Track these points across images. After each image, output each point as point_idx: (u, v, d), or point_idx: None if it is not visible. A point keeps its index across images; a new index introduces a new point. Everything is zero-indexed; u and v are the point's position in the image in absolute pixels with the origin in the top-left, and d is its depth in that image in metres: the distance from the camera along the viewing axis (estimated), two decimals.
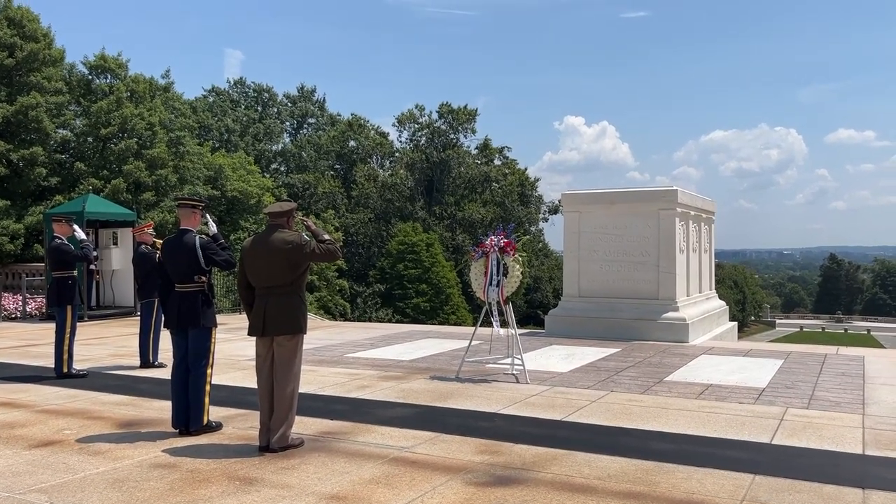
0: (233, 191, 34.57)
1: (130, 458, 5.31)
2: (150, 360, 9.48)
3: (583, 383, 8.18)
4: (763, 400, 7.30)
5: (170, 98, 33.65)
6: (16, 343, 12.11)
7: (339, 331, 14.00)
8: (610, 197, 13.03)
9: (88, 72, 29.95)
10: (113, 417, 6.62)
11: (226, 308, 18.35)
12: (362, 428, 6.16)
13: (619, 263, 12.74)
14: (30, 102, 24.39)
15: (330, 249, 5.64)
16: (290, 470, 5.04)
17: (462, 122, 56.74)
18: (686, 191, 13.36)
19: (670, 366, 9.39)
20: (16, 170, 24.98)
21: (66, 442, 5.78)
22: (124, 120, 27.44)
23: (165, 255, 6.21)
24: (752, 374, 8.71)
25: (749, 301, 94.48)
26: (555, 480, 4.82)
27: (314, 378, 8.40)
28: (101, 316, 15.90)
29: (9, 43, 24.91)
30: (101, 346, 11.53)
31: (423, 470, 5.04)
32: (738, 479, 4.83)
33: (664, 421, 6.41)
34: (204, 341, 6.05)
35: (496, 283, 8.41)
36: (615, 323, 12.25)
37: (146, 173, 27.66)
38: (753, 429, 6.14)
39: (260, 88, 57.86)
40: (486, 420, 6.48)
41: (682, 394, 7.60)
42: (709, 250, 15.08)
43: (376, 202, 51.95)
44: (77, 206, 16.19)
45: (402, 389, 7.87)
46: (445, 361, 9.79)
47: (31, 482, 4.82)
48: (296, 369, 5.58)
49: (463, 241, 49.54)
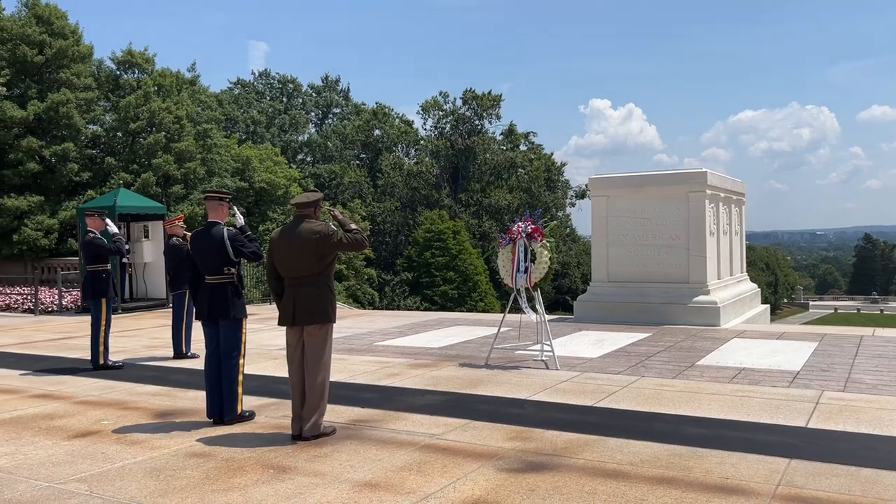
0: (260, 182, 34.83)
1: (166, 448, 5.41)
2: (182, 351, 9.61)
3: (613, 369, 8.13)
4: (798, 383, 7.19)
5: (196, 91, 33.95)
6: (53, 336, 12.37)
7: (367, 319, 14.07)
8: (638, 180, 12.89)
9: (116, 67, 30.33)
10: (148, 408, 6.74)
11: (256, 299, 18.54)
12: (393, 416, 6.19)
13: (649, 247, 12.62)
14: (60, 99, 24.77)
15: (357, 239, 5.66)
16: (322, 458, 5.08)
17: (487, 108, 56.45)
18: (715, 172, 13.17)
19: (702, 350, 9.29)
20: (49, 166, 25.43)
21: (104, 432, 5.90)
22: (152, 114, 27.76)
23: (194, 248, 6.28)
24: (786, 357, 8.59)
25: (781, 283, 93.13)
26: (587, 466, 4.81)
27: (344, 366, 8.46)
28: (135, 308, 16.17)
29: (38, 40, 25.30)
30: (135, 338, 11.73)
31: (455, 457, 5.05)
32: (773, 464, 4.77)
33: (696, 405, 6.35)
34: (235, 332, 6.11)
35: (524, 269, 8.37)
36: (645, 307, 12.15)
37: (175, 166, 27.99)
38: (788, 412, 6.06)
39: (284, 79, 58.15)
40: (517, 406, 6.48)
41: (715, 378, 7.52)
42: (739, 232, 14.87)
43: (402, 191, 52.00)
44: (109, 200, 16.44)
45: (432, 377, 7.89)
46: (474, 349, 9.80)
47: (71, 472, 4.92)
48: (326, 358, 5.62)
49: (490, 228, 49.42)
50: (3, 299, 17.97)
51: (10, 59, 25.00)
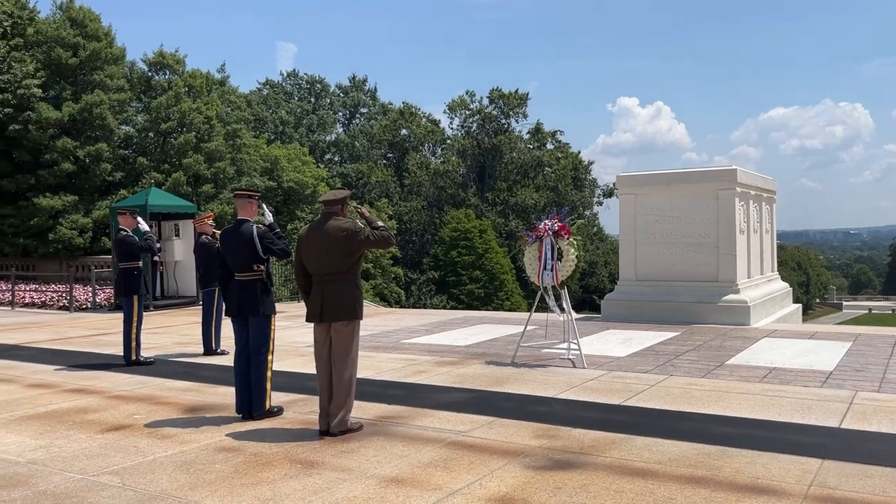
0: (288, 181, 35.14)
1: (196, 442, 5.48)
2: (212, 347, 9.74)
3: (641, 367, 8.06)
4: (830, 383, 7.07)
5: (226, 92, 34.36)
6: (87, 332, 12.60)
7: (394, 317, 14.12)
8: (666, 178, 12.77)
9: (148, 69, 30.81)
10: (179, 403, 6.83)
11: (284, 297, 18.70)
12: (419, 412, 6.21)
13: (677, 246, 12.49)
14: (94, 100, 25.23)
15: (384, 236, 5.68)
16: (349, 453, 5.12)
17: (513, 106, 56.28)
18: (745, 170, 12.99)
19: (731, 349, 9.18)
20: (83, 166, 25.92)
21: (136, 426, 6.00)
22: (183, 114, 28.15)
23: (224, 245, 6.35)
24: (818, 357, 8.45)
25: (813, 283, 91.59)
26: (614, 464, 4.78)
27: (371, 364, 8.50)
28: (166, 306, 16.40)
29: (72, 43, 25.79)
30: (166, 335, 11.90)
31: (481, 454, 5.05)
32: (804, 464, 4.70)
33: (726, 405, 6.27)
34: (264, 329, 6.18)
35: (550, 267, 8.34)
36: (673, 306, 12.03)
37: (205, 166, 28.36)
38: (820, 413, 5.96)
39: (312, 80, 58.55)
40: (543, 404, 6.46)
41: (745, 377, 7.42)
42: (770, 231, 14.65)
43: (429, 190, 52.08)
44: (140, 199, 16.70)
45: (458, 374, 7.89)
46: (501, 347, 9.78)
47: (104, 464, 5.01)
48: (353, 355, 5.65)
49: (516, 227, 49.27)
50: (40, 296, 18.36)
51: (45, 61, 25.53)
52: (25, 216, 24.49)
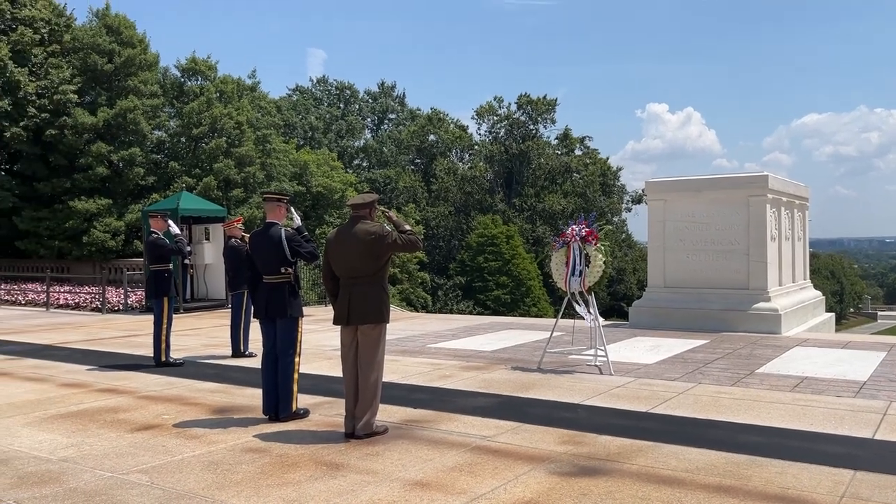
0: (317, 186, 35.40)
1: (224, 443, 5.53)
2: (240, 349, 9.83)
3: (669, 375, 7.98)
4: (864, 394, 6.93)
5: (256, 97, 34.76)
6: (119, 333, 12.80)
7: (420, 322, 14.14)
8: (696, 184, 12.64)
9: (181, 74, 31.28)
10: (207, 404, 6.91)
11: (312, 300, 18.83)
12: (444, 417, 6.21)
13: (707, 252, 12.34)
14: (128, 106, 25.68)
15: (411, 240, 5.70)
16: (374, 456, 5.13)
17: (541, 112, 56.15)
18: (777, 176, 12.81)
19: (762, 357, 9.04)
20: (116, 170, 26.39)
21: (165, 426, 6.07)
22: (214, 120, 28.52)
23: (253, 248, 6.42)
24: (852, 367, 8.28)
25: (847, 292, 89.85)
26: (640, 472, 4.73)
27: (397, 367, 8.51)
28: (195, 308, 16.60)
29: (108, 49, 26.30)
30: (195, 337, 12.04)
31: (506, 459, 5.03)
32: (836, 475, 4.61)
33: (756, 414, 6.18)
34: (291, 331, 6.22)
35: (578, 272, 8.29)
36: (702, 314, 11.88)
37: (235, 171, 28.69)
38: (853, 423, 5.84)
39: (342, 86, 58.99)
40: (569, 411, 6.42)
41: (775, 386, 7.30)
42: (802, 238, 14.42)
43: (456, 195, 52.12)
44: (172, 203, 16.94)
45: (484, 379, 7.88)
46: (527, 352, 9.74)
47: (133, 463, 5.08)
48: (379, 358, 5.67)
49: (543, 233, 49.10)
50: (73, 298, 18.71)
51: (81, 67, 26.05)
52: (61, 219, 24.99)
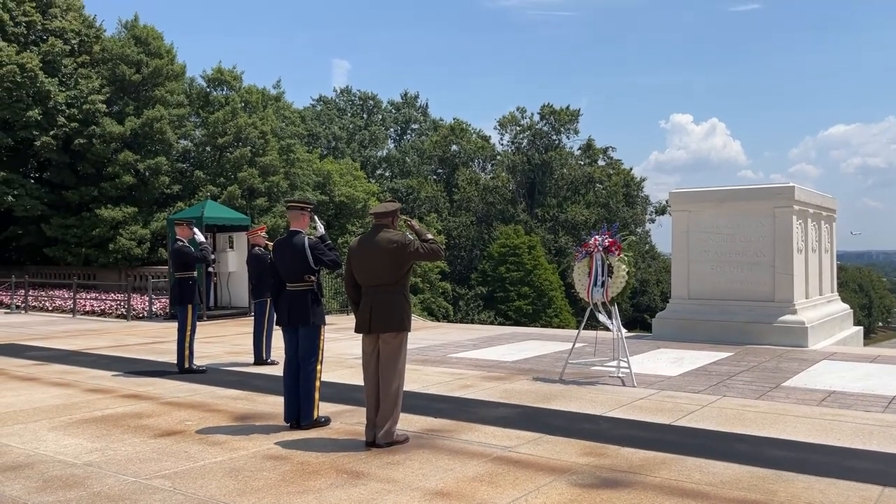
0: (340, 196, 35.61)
1: (245, 449, 5.56)
2: (262, 357, 9.89)
3: (693, 387, 7.88)
4: (893, 408, 6.80)
5: (280, 107, 35.10)
6: (143, 340, 12.94)
7: (442, 332, 14.12)
8: (721, 195, 12.52)
9: (206, 84, 31.69)
10: (229, 411, 6.95)
11: (334, 309, 18.90)
12: (466, 426, 6.19)
13: (732, 264, 12.21)
14: (155, 115, 26.07)
15: (433, 249, 5.71)
16: (395, 465, 5.12)
17: (564, 122, 56.07)
18: (803, 187, 12.65)
19: (788, 371, 8.90)
20: (142, 179, 26.74)
21: (187, 432, 6.12)
22: (239, 129, 28.85)
23: (276, 256, 6.46)
24: (881, 381, 8.13)
25: (876, 306, 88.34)
26: (663, 485, 4.67)
27: (418, 377, 8.51)
28: (219, 316, 16.74)
29: (136, 60, 26.74)
30: (219, 344, 12.13)
31: (527, 469, 5.00)
32: (864, 491, 4.52)
33: (782, 428, 6.08)
34: (313, 339, 6.24)
35: (601, 283, 8.24)
36: (727, 326, 11.75)
37: (259, 180, 28.96)
38: (882, 438, 5.73)
39: (365, 96, 59.41)
40: (591, 422, 6.36)
41: (802, 400, 7.19)
42: (829, 250, 14.21)
43: (478, 205, 52.13)
44: (197, 211, 17.12)
45: (505, 390, 7.84)
46: (549, 363, 9.69)
47: (156, 468, 5.12)
48: (400, 366, 5.67)
49: (566, 244, 48.90)
50: (99, 305, 18.96)
51: (110, 77, 26.50)
52: (88, 227, 25.37)
